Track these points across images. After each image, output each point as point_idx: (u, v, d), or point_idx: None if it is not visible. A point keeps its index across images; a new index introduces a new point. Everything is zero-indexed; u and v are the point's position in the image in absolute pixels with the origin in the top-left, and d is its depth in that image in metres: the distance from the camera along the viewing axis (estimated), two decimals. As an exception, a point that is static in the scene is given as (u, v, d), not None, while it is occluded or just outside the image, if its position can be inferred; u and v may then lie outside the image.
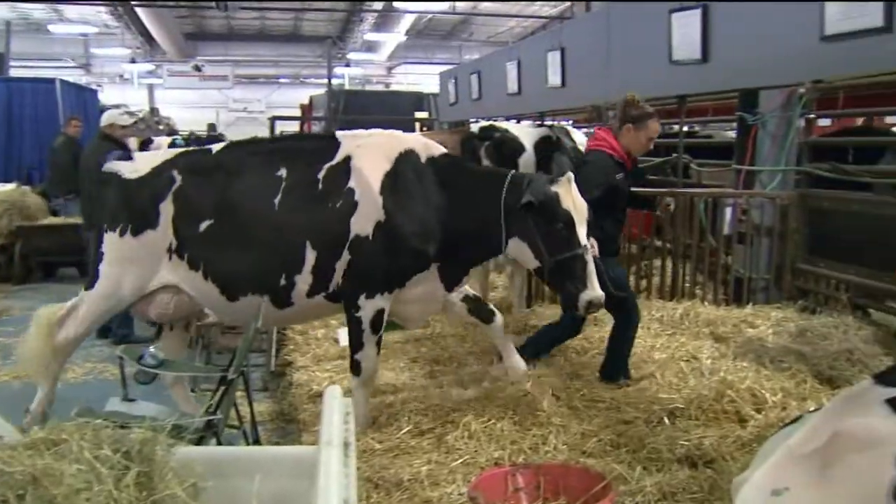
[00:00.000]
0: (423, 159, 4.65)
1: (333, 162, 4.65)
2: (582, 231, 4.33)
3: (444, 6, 24.52)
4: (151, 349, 4.35)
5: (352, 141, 4.74)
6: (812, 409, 3.98)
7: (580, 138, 7.38)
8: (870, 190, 6.57)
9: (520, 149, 7.00)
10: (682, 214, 7.30)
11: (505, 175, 4.54)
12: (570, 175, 4.41)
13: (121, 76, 35.34)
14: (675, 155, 8.18)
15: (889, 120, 10.08)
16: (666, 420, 4.45)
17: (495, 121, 9.23)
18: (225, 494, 2.43)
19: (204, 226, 4.66)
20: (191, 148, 5.64)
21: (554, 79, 9.10)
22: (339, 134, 4.90)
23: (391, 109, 17.89)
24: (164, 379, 4.76)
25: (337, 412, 2.22)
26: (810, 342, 5.84)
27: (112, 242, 4.80)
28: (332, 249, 4.55)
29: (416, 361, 5.89)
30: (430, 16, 29.21)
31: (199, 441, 3.54)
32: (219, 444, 3.71)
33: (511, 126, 7.76)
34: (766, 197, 7.02)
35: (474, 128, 7.50)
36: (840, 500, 2.25)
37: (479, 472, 3.84)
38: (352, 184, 4.57)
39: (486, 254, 4.86)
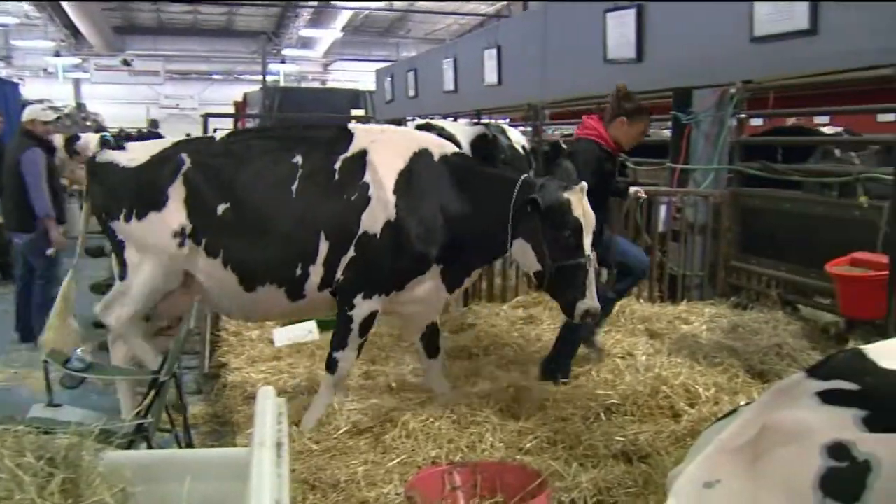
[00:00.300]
0: (436, 158, 4.60)
1: (348, 154, 4.59)
2: (588, 240, 4.33)
3: (381, 3, 24.45)
4: (79, 352, 4.22)
5: (366, 135, 4.69)
6: (744, 402, 4.07)
7: (516, 136, 7.41)
8: (799, 188, 6.74)
9: (456, 146, 6.99)
10: (617, 213, 7.38)
11: (517, 178, 4.51)
12: (584, 184, 4.41)
13: (45, 70, 34.29)
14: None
15: (818, 120, 10.37)
16: (602, 416, 4.48)
17: (432, 118, 9.20)
18: (155, 499, 2.37)
19: (220, 209, 4.57)
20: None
21: (490, 77, 9.12)
22: (351, 126, 4.87)
23: (327, 107, 17.72)
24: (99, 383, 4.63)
25: (270, 413, 2.17)
26: (742, 337, 5.98)
27: (122, 229, 4.72)
28: (341, 243, 4.49)
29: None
30: (366, 12, 29.08)
31: (129, 445, 3.45)
32: (150, 447, 3.62)
33: (447, 124, 7.75)
34: (699, 195, 7.15)
35: (411, 126, 7.47)
36: (769, 491, 2.28)
37: (417, 471, 3.81)
38: (367, 178, 4.51)
39: (491, 256, 4.86)
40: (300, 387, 5.33)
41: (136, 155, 4.79)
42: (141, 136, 18.97)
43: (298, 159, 4.59)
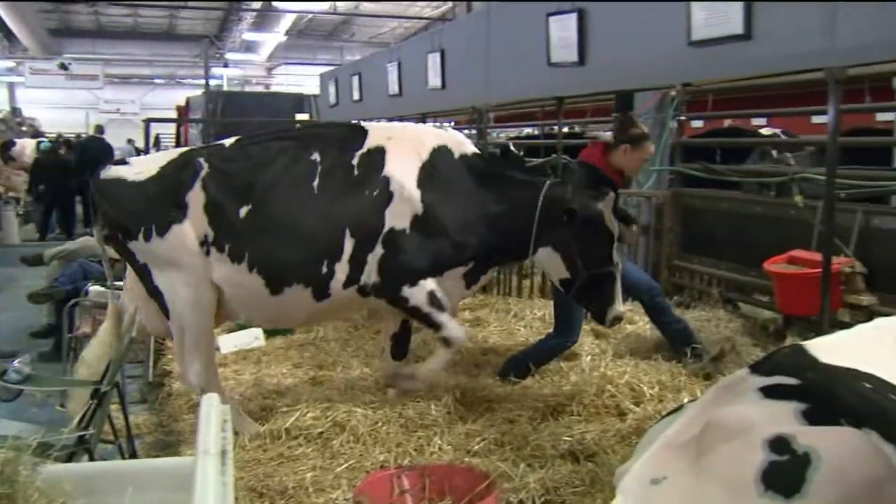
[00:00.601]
0: (455, 155, 4.62)
1: (364, 149, 4.57)
2: (615, 250, 4.49)
3: (325, 6, 24.32)
4: (16, 363, 4.09)
5: (382, 132, 4.69)
6: (688, 399, 4.14)
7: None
8: (738, 189, 6.89)
9: None
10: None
11: (542, 182, 4.55)
12: (613, 194, 4.49)
13: (-24, 73, 33.38)
14: (554, 156, 8.35)
15: (757, 122, 10.63)
16: (549, 417, 4.52)
17: (377, 122, 9.21)
18: (97, 512, 2.32)
19: (243, 212, 4.43)
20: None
21: (434, 80, 9.12)
22: (365, 124, 4.83)
23: (271, 111, 17.56)
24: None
25: (214, 420, 2.14)
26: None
27: (144, 250, 4.47)
28: (366, 239, 4.46)
29: (300, 367, 5.79)
30: (310, 16, 28.89)
31: (70, 458, 3.37)
32: (92, 460, 3.54)
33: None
34: (642, 196, 7.26)
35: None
36: (714, 486, 2.32)
37: (365, 476, 3.80)
38: (386, 174, 4.49)
39: (511, 258, 4.86)
40: (246, 393, 5.27)
41: (142, 168, 4.57)
42: (84, 143, 18.60)
43: (316, 156, 4.54)
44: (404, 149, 4.58)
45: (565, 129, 9.25)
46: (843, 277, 5.59)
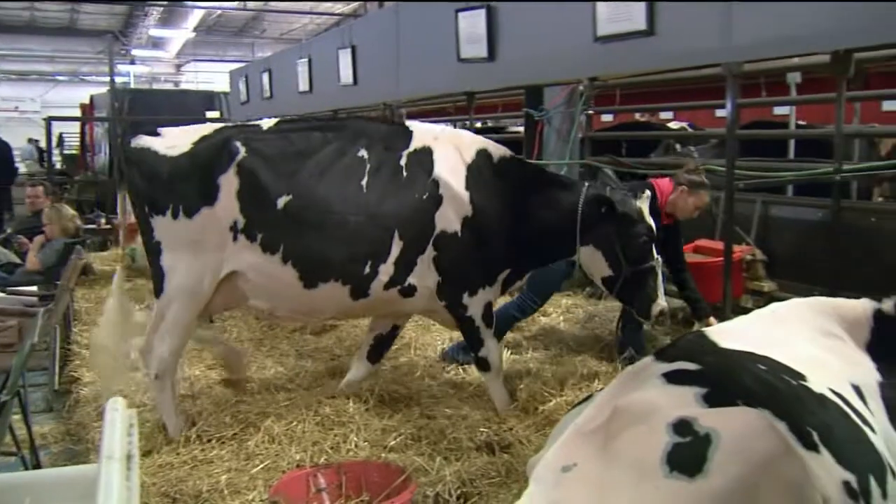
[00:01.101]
0: (495, 159, 4.62)
1: (411, 149, 4.51)
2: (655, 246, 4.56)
3: (234, 3, 23.87)
4: None
5: (426, 132, 4.63)
6: (600, 388, 4.24)
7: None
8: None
9: None
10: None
11: (581, 185, 4.63)
12: (649, 193, 4.63)
13: None
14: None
15: (665, 116, 10.94)
16: (465, 410, 4.55)
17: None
18: (-5, 526, 2.23)
19: (282, 202, 4.27)
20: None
21: (346, 77, 9.07)
22: (408, 123, 4.80)
23: (181, 109, 17.08)
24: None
25: (119, 424, 2.09)
26: (598, 326, 6.23)
27: (165, 228, 4.30)
28: (416, 242, 4.42)
29: (214, 368, 5.67)
30: (219, 12, 28.32)
31: (-32, 471, 3.23)
32: (-9, 472, 3.41)
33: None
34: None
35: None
36: (622, 470, 2.39)
37: (281, 475, 3.75)
38: (435, 176, 4.46)
39: (552, 259, 4.86)
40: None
41: (174, 142, 4.38)
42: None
43: (363, 153, 4.44)
44: (450, 150, 4.56)
45: (477, 125, 9.31)
46: (744, 265, 5.82)
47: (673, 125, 10.09)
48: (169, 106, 17.89)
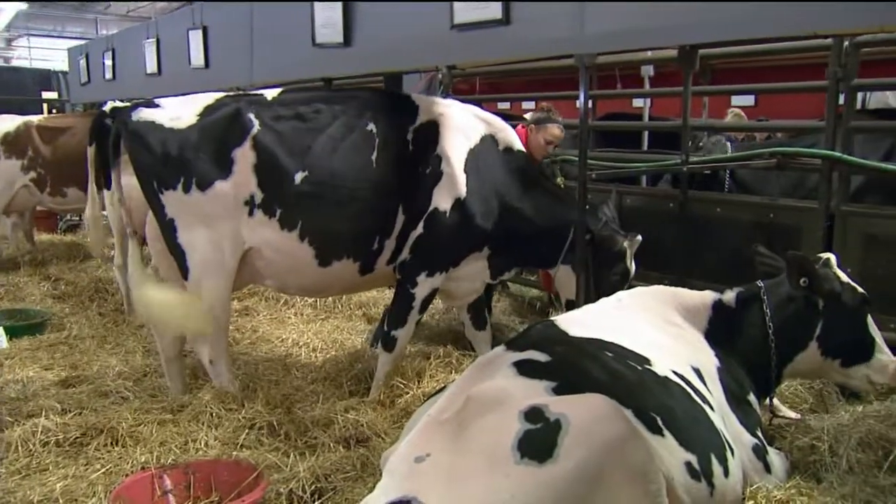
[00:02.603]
0: (500, 148, 4.66)
1: (417, 124, 4.49)
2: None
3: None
4: None
5: (432, 106, 4.60)
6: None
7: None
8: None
9: None
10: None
11: (574, 201, 4.67)
12: (640, 238, 4.76)
13: None
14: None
15: (526, 106, 11.14)
16: (321, 404, 4.44)
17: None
18: None
19: (299, 178, 4.22)
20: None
21: (197, 59, 8.69)
22: (413, 95, 4.78)
23: (13, 88, 15.98)
24: None
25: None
26: (455, 318, 6.26)
27: (177, 203, 4.17)
28: (415, 217, 4.43)
29: (50, 369, 5.32)
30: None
31: None
32: None
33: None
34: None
35: (107, 107, 6.92)
36: (474, 457, 2.38)
37: (123, 479, 3.54)
38: (438, 152, 4.44)
39: (535, 262, 5.00)
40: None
41: (178, 113, 4.23)
42: None
43: (372, 127, 4.39)
44: (456, 128, 4.53)
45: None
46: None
47: (529, 115, 10.27)
48: (-2, 84, 16.67)
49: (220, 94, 4.47)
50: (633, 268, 4.80)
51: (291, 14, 6.82)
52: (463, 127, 4.62)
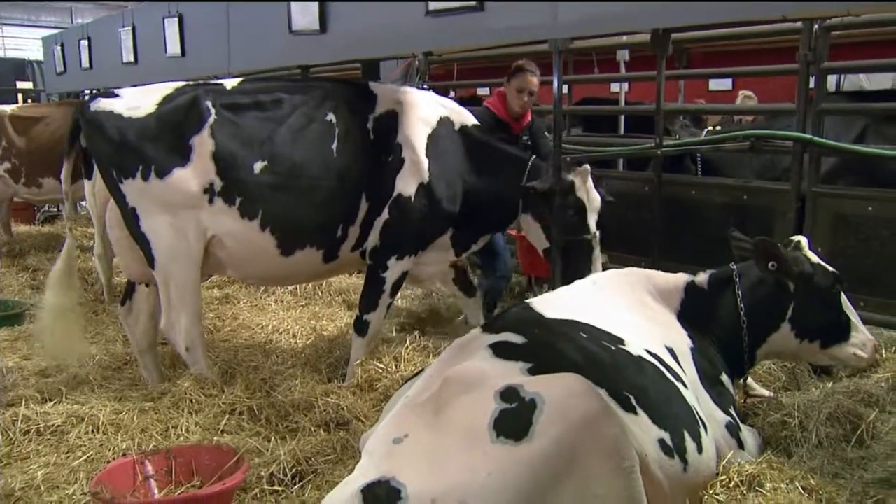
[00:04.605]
0: (456, 127, 4.71)
1: (377, 113, 4.54)
2: (592, 219, 4.69)
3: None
4: None
5: (390, 94, 4.66)
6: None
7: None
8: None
9: None
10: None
11: (527, 159, 4.76)
12: (588, 167, 4.74)
13: None
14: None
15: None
16: (301, 388, 4.46)
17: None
18: None
19: (258, 167, 4.26)
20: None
21: (173, 48, 8.65)
22: (371, 84, 4.78)
23: (-13, 78, 15.85)
24: None
25: None
26: (435, 303, 6.31)
27: (137, 191, 4.20)
28: (378, 204, 4.49)
29: (30, 358, 5.32)
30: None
31: None
32: None
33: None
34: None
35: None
36: (451, 437, 2.43)
37: (105, 466, 3.56)
38: (399, 140, 4.51)
39: (498, 226, 5.11)
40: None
41: (136, 102, 4.27)
42: None
43: (331, 117, 4.44)
44: (414, 115, 4.58)
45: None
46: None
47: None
48: (-28, 73, 16.49)
49: (180, 84, 4.50)
50: (591, 196, 4.77)
51: (267, 2, 6.80)
52: (422, 113, 4.68)
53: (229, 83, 4.49)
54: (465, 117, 4.87)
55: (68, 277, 4.56)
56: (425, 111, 4.70)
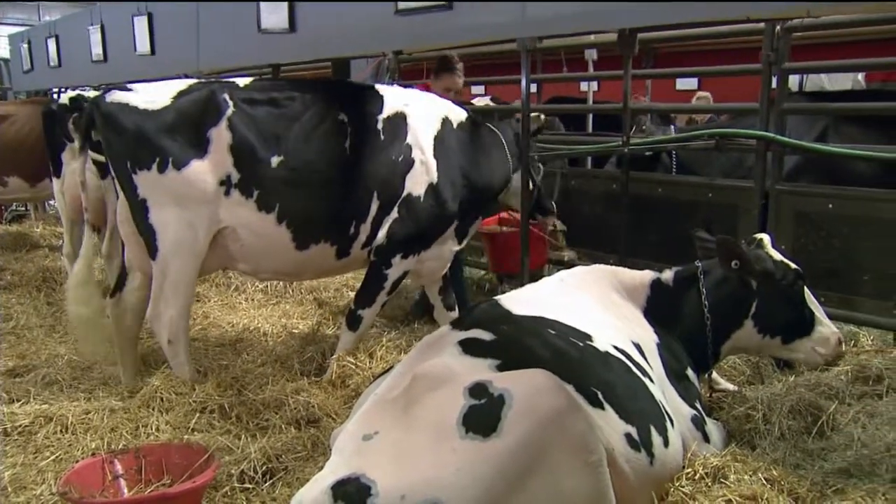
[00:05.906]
0: (455, 125, 4.83)
1: (385, 115, 4.62)
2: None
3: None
4: None
5: (398, 97, 4.74)
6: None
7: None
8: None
9: None
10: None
11: (507, 128, 5.08)
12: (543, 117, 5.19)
13: None
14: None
15: (475, 90, 11.20)
16: (272, 385, 4.48)
17: (83, 90, 8.58)
18: None
19: (275, 161, 4.32)
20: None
21: (143, 46, 8.60)
22: (378, 87, 4.85)
23: (-51, 76, 15.55)
24: None
25: None
26: (405, 302, 6.33)
27: (151, 183, 4.23)
28: (389, 203, 4.57)
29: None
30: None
31: None
32: None
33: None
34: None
35: (64, 98, 6.89)
36: (421, 434, 2.46)
37: (73, 466, 3.55)
38: (409, 141, 4.61)
39: (488, 212, 5.37)
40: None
41: (153, 97, 4.31)
42: None
43: (343, 117, 4.51)
44: (421, 117, 4.71)
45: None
46: (548, 235, 6.07)
47: (477, 100, 10.36)
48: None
49: (192, 81, 4.56)
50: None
51: (237, 1, 6.79)
52: (427, 115, 4.78)
53: (241, 81, 4.54)
54: (458, 113, 4.97)
55: (86, 286, 4.55)
56: (430, 112, 4.81)
